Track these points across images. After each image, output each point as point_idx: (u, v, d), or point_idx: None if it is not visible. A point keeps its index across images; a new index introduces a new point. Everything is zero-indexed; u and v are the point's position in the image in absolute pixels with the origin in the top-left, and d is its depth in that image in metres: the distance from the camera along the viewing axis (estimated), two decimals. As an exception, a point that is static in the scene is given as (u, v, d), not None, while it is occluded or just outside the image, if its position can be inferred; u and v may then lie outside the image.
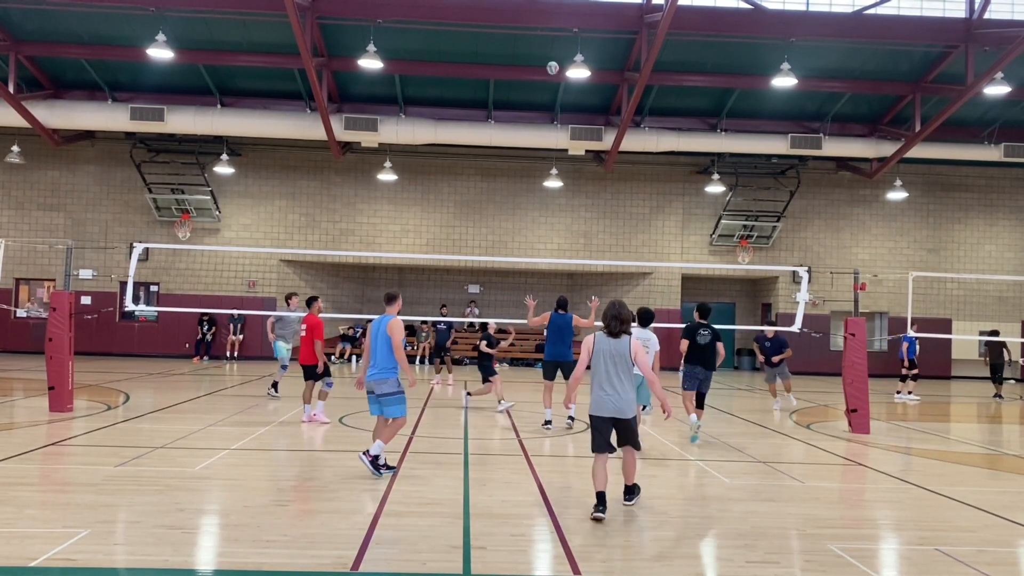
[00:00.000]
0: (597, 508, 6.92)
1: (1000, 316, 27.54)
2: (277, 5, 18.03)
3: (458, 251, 26.37)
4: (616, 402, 7.02)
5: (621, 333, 7.11)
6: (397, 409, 8.51)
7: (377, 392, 8.50)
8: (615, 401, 7.02)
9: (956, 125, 23.80)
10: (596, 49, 20.61)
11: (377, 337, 8.56)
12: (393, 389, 8.50)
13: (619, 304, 7.19)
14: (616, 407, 7.03)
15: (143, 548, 5.80)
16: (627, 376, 7.05)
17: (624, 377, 7.04)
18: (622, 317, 7.13)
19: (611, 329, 7.12)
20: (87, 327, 23.19)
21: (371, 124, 23.15)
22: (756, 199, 26.95)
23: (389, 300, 8.98)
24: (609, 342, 7.10)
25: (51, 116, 23.18)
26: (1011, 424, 16.13)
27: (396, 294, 9.07)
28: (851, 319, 13.35)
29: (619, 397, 7.02)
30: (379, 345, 8.53)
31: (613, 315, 7.13)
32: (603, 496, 6.97)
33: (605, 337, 7.13)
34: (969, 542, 6.58)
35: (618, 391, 7.02)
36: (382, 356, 8.50)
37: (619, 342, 7.08)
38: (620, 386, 7.03)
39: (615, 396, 7.02)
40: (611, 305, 7.21)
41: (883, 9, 21.21)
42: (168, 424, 11.62)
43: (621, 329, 7.11)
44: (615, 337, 7.10)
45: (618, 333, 7.10)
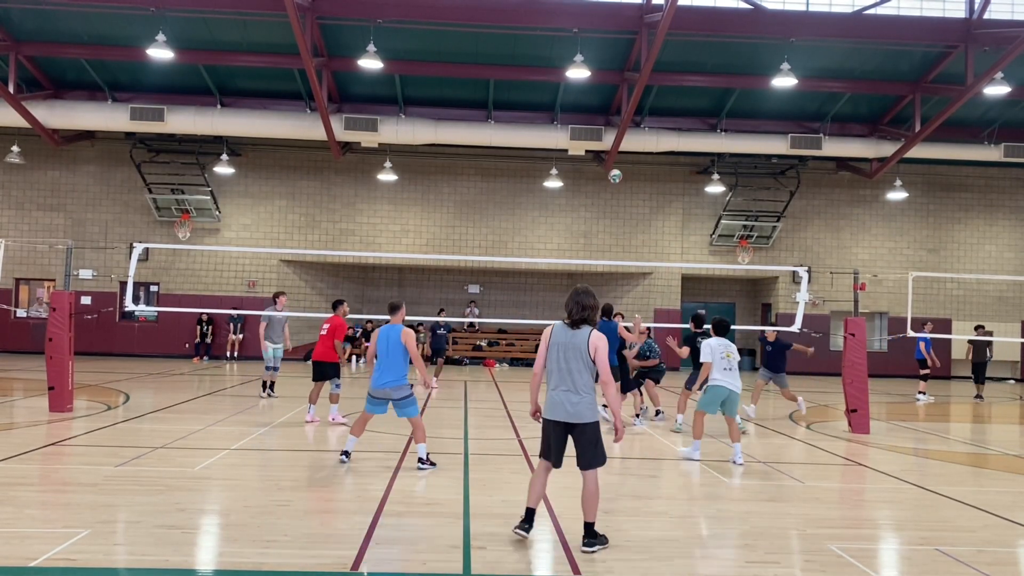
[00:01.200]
0: (521, 524, 6.20)
1: (1000, 316, 27.56)
2: (277, 5, 18.03)
3: (458, 251, 26.36)
4: (569, 404, 6.10)
5: (582, 323, 6.14)
6: (414, 409, 9.13)
7: (395, 397, 9.02)
8: (568, 403, 6.10)
9: (956, 125, 23.80)
10: (596, 49, 20.61)
11: (389, 346, 9.04)
12: (408, 393, 9.08)
13: (584, 290, 6.22)
14: (569, 410, 6.09)
15: (143, 548, 5.80)
16: (584, 373, 6.09)
17: (581, 375, 6.08)
18: (584, 304, 6.15)
19: (571, 316, 6.18)
20: (87, 327, 23.19)
21: (371, 124, 23.15)
22: (756, 199, 26.95)
23: (393, 310, 9.42)
24: (566, 333, 6.15)
25: (51, 116, 23.17)
26: (1011, 424, 16.14)
27: (400, 303, 9.46)
28: (851, 319, 13.35)
29: (572, 398, 6.09)
30: (393, 354, 9.03)
31: (576, 301, 6.16)
32: (532, 513, 6.19)
33: (563, 327, 6.20)
34: (969, 542, 6.59)
35: (573, 391, 6.09)
36: (397, 365, 9.04)
37: (577, 333, 6.11)
38: (575, 385, 6.08)
39: (568, 397, 6.10)
40: (575, 291, 6.24)
41: (883, 9, 21.20)
42: (168, 424, 11.62)
43: (582, 316, 6.14)
44: (574, 328, 6.16)
45: (578, 323, 6.15)
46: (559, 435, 6.20)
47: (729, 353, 9.84)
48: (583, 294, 6.20)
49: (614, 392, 6.30)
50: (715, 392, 9.88)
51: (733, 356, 9.85)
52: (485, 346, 27.92)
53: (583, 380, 6.09)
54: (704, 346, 10.01)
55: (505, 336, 28.74)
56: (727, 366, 9.80)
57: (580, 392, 6.08)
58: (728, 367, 9.81)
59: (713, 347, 9.90)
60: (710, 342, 9.96)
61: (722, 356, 9.80)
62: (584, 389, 6.09)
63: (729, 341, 10.05)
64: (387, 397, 9.04)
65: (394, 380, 8.99)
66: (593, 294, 6.25)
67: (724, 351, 9.83)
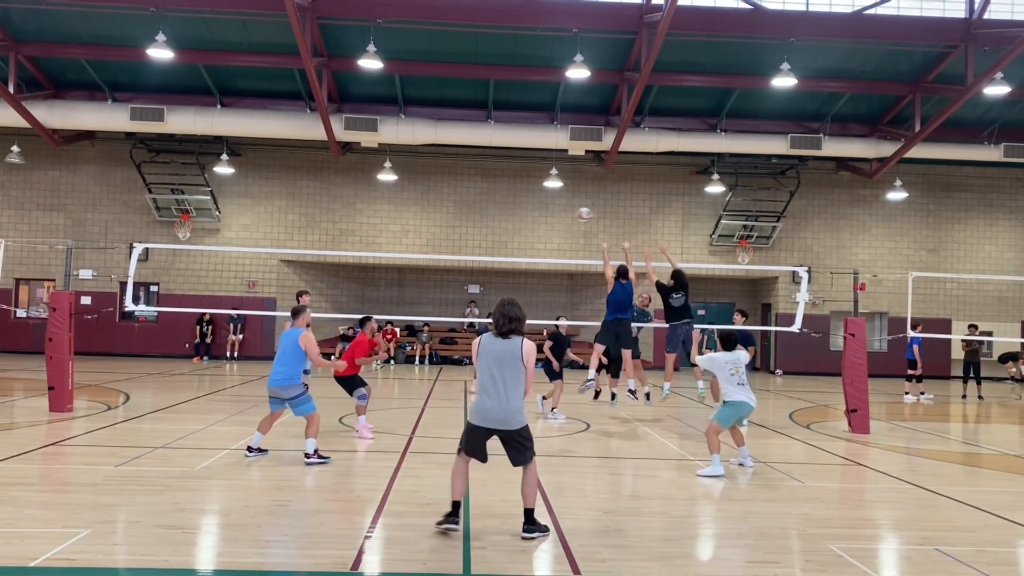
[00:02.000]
0: (448, 518, 6.33)
1: (1000, 316, 27.55)
2: (277, 5, 18.03)
3: (458, 251, 26.36)
4: (499, 412, 6.28)
5: (511, 333, 6.33)
6: (308, 407, 9.25)
7: (284, 396, 9.25)
8: (498, 410, 6.27)
9: (956, 125, 23.79)
10: (596, 49, 20.61)
11: (287, 347, 9.31)
12: (300, 391, 9.26)
13: (510, 302, 6.41)
14: (499, 417, 6.28)
15: (143, 548, 5.80)
16: (515, 382, 6.28)
17: (512, 383, 6.27)
18: (510, 316, 6.33)
19: (499, 328, 6.36)
20: (87, 327, 23.17)
21: (371, 124, 23.16)
22: (756, 199, 26.95)
23: (295, 314, 9.67)
24: (497, 343, 6.35)
25: (51, 116, 23.17)
26: (1010, 424, 16.14)
27: (301, 309, 9.77)
28: (851, 319, 13.36)
29: (503, 406, 6.27)
30: (288, 355, 9.28)
31: (502, 313, 6.36)
32: (458, 506, 6.38)
33: (492, 338, 6.39)
34: (969, 542, 6.59)
35: (502, 399, 6.26)
36: (289, 365, 9.26)
37: (509, 343, 6.32)
38: (505, 393, 6.26)
39: (498, 404, 6.27)
40: (501, 303, 6.43)
41: (883, 9, 21.20)
42: (168, 424, 11.62)
43: (510, 328, 6.33)
44: (504, 337, 6.35)
45: (507, 333, 6.34)
46: (483, 438, 6.44)
47: (738, 368, 9.43)
48: (509, 306, 6.41)
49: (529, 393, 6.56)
50: (736, 408, 9.38)
51: (742, 371, 9.47)
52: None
53: (514, 388, 6.30)
54: (709, 360, 9.69)
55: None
56: (739, 381, 9.39)
57: (510, 400, 6.28)
58: (740, 382, 9.41)
59: (719, 362, 9.48)
60: (716, 357, 9.56)
61: (731, 372, 9.36)
62: (512, 397, 6.30)
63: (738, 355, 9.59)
64: (278, 396, 9.27)
65: (284, 380, 9.21)
66: (519, 306, 6.44)
67: (732, 367, 9.39)
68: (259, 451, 9.36)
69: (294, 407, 9.25)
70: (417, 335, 27.66)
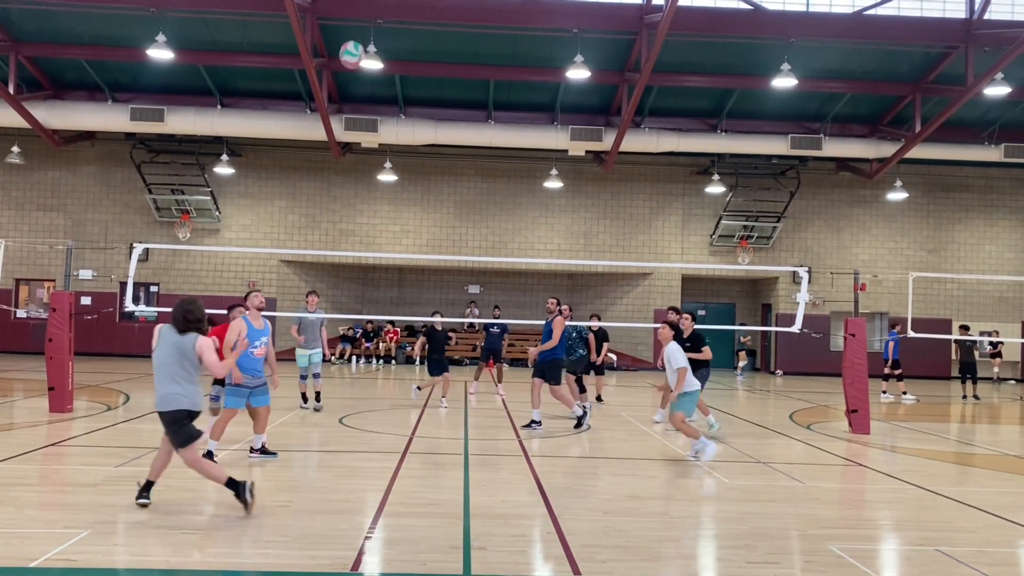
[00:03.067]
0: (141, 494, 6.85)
1: (1000, 317, 27.56)
2: (277, 5, 18.03)
3: (458, 252, 26.36)
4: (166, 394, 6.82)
5: (187, 331, 6.90)
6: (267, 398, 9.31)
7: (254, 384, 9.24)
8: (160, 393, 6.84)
9: (956, 126, 23.80)
10: (596, 49, 20.61)
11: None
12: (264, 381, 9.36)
13: (188, 302, 7.02)
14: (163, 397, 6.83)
15: (143, 548, 5.81)
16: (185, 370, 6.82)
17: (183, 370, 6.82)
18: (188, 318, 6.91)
19: (176, 325, 6.93)
20: (87, 327, 23.16)
21: (371, 125, 23.16)
22: (756, 199, 26.95)
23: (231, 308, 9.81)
24: (174, 335, 6.91)
25: (51, 117, 23.18)
26: (1011, 424, 16.14)
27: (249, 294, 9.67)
28: (851, 319, 13.35)
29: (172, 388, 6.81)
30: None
31: (180, 316, 6.92)
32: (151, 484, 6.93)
33: (170, 329, 6.96)
34: (969, 542, 6.58)
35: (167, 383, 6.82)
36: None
37: (185, 339, 6.88)
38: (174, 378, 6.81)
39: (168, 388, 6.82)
40: (181, 303, 7.02)
41: (883, 10, 21.21)
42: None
43: (187, 327, 6.90)
44: (181, 334, 6.91)
45: (184, 331, 6.91)
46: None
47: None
48: (189, 304, 7.01)
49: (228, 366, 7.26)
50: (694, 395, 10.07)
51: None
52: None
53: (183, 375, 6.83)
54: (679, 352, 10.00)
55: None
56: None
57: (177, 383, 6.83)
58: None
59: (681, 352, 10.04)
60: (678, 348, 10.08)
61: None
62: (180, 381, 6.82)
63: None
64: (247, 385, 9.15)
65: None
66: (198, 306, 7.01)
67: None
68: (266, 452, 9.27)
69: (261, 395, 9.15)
70: (417, 335, 27.64)
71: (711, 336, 26.62)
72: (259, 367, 9.14)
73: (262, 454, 9.24)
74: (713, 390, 19.58)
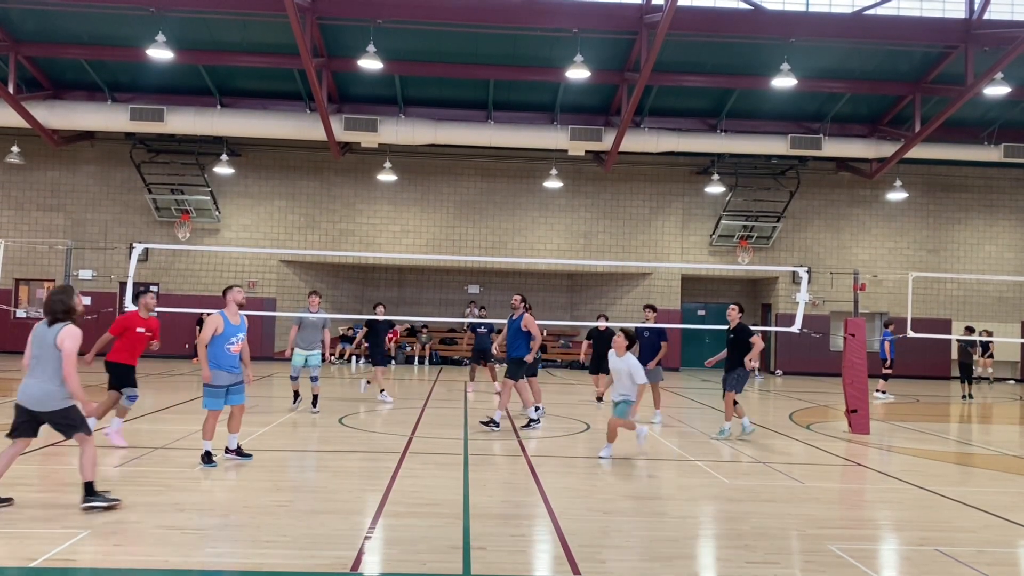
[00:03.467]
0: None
1: (1000, 316, 27.55)
2: (277, 5, 18.02)
3: (458, 251, 26.36)
4: (34, 392, 6.73)
5: (55, 321, 6.84)
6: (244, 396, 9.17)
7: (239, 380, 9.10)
8: (34, 391, 6.73)
9: (956, 125, 23.80)
10: (596, 49, 20.61)
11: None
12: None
13: (61, 289, 7.00)
14: (34, 397, 6.73)
15: (143, 548, 5.80)
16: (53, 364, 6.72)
17: (50, 364, 6.72)
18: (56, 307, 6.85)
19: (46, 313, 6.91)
20: (87, 327, 23.11)
21: (371, 124, 23.15)
22: (756, 199, 26.95)
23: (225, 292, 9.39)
24: (44, 329, 6.87)
25: (51, 116, 23.17)
26: (1011, 424, 16.14)
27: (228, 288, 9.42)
28: (851, 319, 13.35)
29: (40, 387, 6.72)
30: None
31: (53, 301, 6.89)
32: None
33: (43, 325, 6.90)
34: (969, 542, 6.58)
35: (44, 380, 6.72)
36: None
37: (51, 330, 6.81)
38: (43, 375, 6.72)
39: (40, 386, 6.72)
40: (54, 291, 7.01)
41: (883, 9, 21.21)
42: (168, 424, 11.61)
43: (56, 318, 6.85)
44: (50, 325, 6.85)
45: (52, 322, 6.86)
46: (24, 416, 6.81)
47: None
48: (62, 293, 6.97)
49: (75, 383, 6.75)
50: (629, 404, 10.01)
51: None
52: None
53: (52, 370, 6.72)
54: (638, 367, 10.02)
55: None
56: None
57: (45, 382, 6.73)
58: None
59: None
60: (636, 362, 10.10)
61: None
62: (52, 379, 6.73)
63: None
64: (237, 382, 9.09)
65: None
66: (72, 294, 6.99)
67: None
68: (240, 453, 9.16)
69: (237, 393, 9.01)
70: (417, 335, 27.66)
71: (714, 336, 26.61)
72: (236, 363, 8.94)
73: (237, 455, 9.11)
74: (711, 390, 19.58)
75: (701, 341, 27.98)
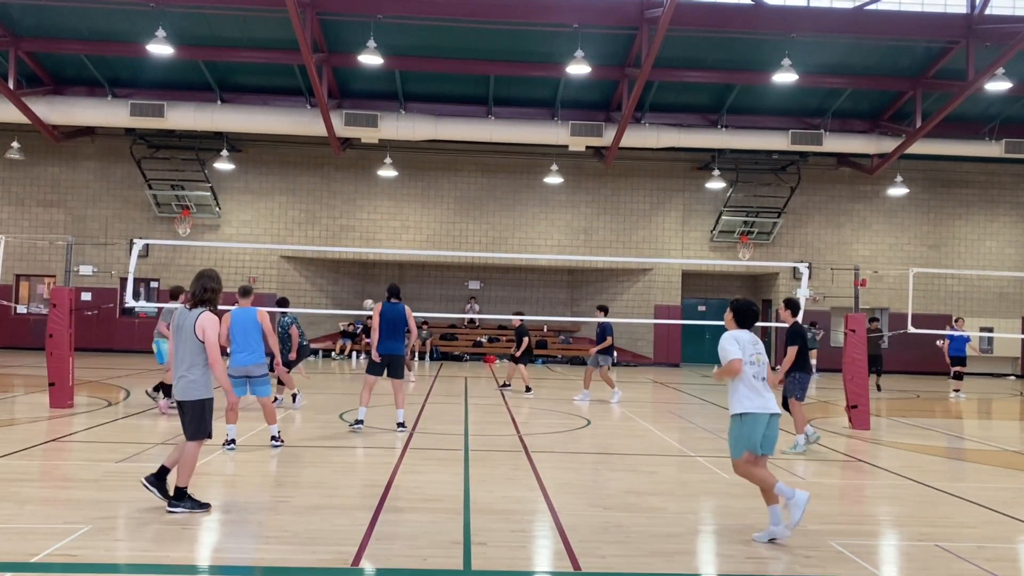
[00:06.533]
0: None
1: (1001, 312, 27.54)
2: (277, 1, 17.98)
3: (458, 247, 26.35)
4: (177, 384, 6.67)
5: (196, 305, 6.68)
6: (267, 388, 9.86)
7: (254, 375, 9.81)
8: (177, 383, 6.67)
9: (957, 121, 23.76)
10: (596, 45, 20.57)
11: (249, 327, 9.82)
12: (265, 372, 9.86)
13: (208, 275, 6.77)
14: (177, 389, 6.69)
15: (144, 544, 5.81)
16: (192, 354, 6.58)
17: (187, 355, 6.59)
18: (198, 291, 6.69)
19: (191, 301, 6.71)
20: (87, 323, 23.18)
21: (371, 120, 23.13)
22: (757, 195, 26.93)
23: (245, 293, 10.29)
24: (183, 315, 6.69)
25: (51, 112, 23.14)
26: (1011, 420, 16.14)
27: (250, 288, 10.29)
28: (851, 315, 13.35)
29: (179, 375, 6.64)
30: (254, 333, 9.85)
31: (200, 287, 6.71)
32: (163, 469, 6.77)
33: (184, 310, 6.73)
34: (970, 538, 6.59)
35: (179, 369, 6.62)
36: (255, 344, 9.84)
37: (189, 315, 6.65)
38: (181, 365, 6.61)
39: (176, 374, 6.66)
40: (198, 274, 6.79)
41: (884, 5, 21.15)
42: (168, 420, 11.61)
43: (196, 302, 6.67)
44: (191, 310, 6.69)
45: (193, 305, 6.69)
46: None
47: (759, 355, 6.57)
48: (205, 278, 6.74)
49: (220, 371, 6.69)
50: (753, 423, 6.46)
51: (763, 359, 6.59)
52: (485, 342, 27.92)
53: (190, 359, 6.61)
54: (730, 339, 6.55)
55: (505, 332, 28.71)
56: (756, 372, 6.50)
57: (187, 371, 6.62)
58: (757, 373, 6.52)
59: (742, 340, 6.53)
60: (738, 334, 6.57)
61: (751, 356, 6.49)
62: (191, 368, 6.60)
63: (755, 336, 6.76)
64: (247, 375, 9.76)
65: (254, 359, 9.79)
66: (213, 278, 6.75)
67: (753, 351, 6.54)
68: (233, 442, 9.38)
69: (256, 386, 9.66)
70: (420, 331, 27.65)
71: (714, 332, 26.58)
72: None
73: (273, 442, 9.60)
74: (711, 387, 19.58)
75: (701, 337, 27.98)
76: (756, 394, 6.39)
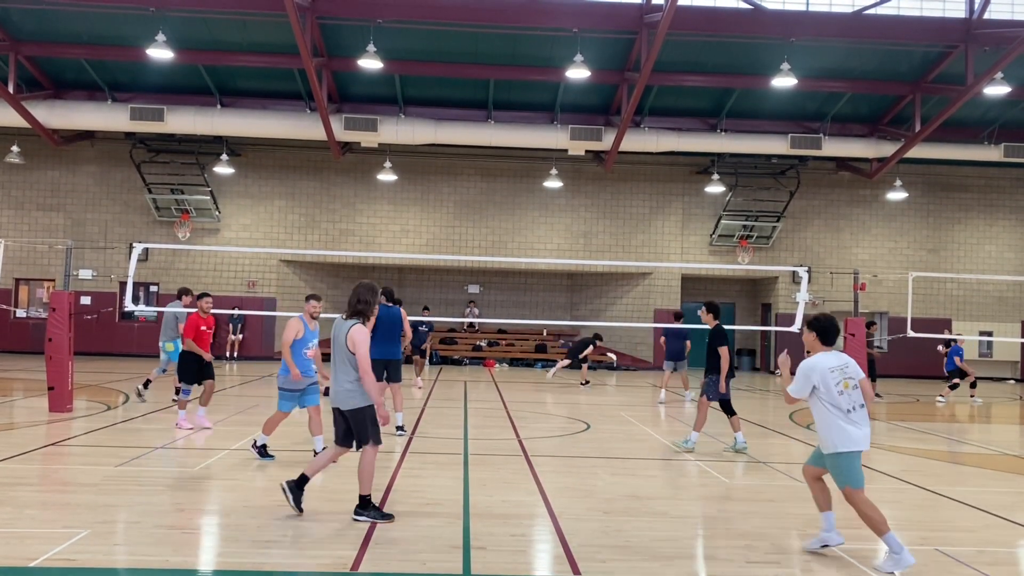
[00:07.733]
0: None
1: (1000, 316, 27.54)
2: (277, 5, 18.01)
3: (458, 251, 26.35)
4: (335, 390, 6.73)
5: (350, 316, 6.73)
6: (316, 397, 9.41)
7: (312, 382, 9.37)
8: (334, 390, 6.73)
9: (956, 125, 23.78)
10: (596, 49, 20.60)
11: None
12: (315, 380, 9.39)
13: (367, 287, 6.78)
14: (334, 396, 6.75)
15: (143, 548, 5.80)
16: (344, 364, 6.66)
17: (341, 364, 6.67)
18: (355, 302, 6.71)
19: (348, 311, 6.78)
20: (87, 327, 23.16)
21: (371, 124, 23.14)
22: (756, 199, 26.94)
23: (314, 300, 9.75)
24: (338, 326, 6.76)
25: (51, 116, 23.16)
26: (1011, 424, 16.14)
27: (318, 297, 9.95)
28: (851, 319, 13.36)
29: (337, 385, 6.70)
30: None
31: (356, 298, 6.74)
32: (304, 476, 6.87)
33: (341, 320, 6.79)
34: (969, 542, 6.58)
35: (337, 379, 6.71)
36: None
37: (342, 326, 6.72)
38: (338, 374, 6.71)
39: (334, 384, 6.74)
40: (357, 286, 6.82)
41: (883, 9, 21.19)
42: (168, 424, 11.61)
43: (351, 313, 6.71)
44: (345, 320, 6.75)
45: (348, 316, 6.75)
46: (338, 419, 6.84)
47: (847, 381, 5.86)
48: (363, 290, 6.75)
49: (370, 382, 6.64)
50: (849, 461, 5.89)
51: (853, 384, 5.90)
52: (485, 346, 27.92)
53: (343, 369, 6.69)
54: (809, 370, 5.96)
55: (505, 336, 28.75)
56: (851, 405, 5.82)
57: (341, 380, 6.70)
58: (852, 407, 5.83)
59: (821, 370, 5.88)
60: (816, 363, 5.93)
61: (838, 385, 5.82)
62: (343, 378, 6.68)
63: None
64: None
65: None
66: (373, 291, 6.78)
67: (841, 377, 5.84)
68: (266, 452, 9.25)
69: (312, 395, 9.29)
70: (417, 333, 27.61)
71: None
72: (311, 367, 9.27)
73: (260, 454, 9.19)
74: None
75: (701, 341, 27.93)
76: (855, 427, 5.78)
